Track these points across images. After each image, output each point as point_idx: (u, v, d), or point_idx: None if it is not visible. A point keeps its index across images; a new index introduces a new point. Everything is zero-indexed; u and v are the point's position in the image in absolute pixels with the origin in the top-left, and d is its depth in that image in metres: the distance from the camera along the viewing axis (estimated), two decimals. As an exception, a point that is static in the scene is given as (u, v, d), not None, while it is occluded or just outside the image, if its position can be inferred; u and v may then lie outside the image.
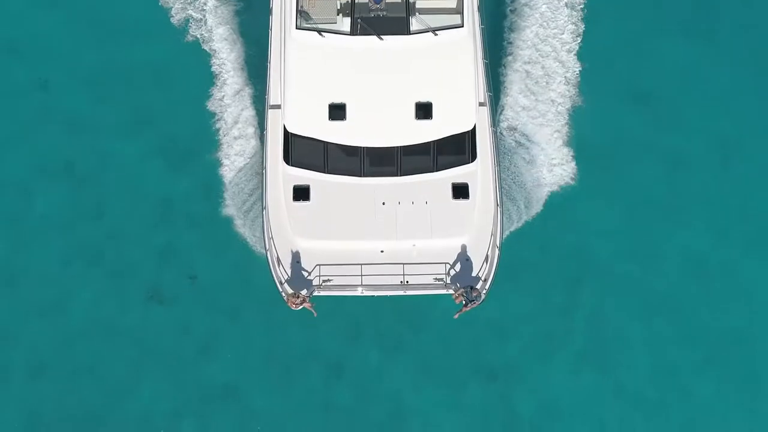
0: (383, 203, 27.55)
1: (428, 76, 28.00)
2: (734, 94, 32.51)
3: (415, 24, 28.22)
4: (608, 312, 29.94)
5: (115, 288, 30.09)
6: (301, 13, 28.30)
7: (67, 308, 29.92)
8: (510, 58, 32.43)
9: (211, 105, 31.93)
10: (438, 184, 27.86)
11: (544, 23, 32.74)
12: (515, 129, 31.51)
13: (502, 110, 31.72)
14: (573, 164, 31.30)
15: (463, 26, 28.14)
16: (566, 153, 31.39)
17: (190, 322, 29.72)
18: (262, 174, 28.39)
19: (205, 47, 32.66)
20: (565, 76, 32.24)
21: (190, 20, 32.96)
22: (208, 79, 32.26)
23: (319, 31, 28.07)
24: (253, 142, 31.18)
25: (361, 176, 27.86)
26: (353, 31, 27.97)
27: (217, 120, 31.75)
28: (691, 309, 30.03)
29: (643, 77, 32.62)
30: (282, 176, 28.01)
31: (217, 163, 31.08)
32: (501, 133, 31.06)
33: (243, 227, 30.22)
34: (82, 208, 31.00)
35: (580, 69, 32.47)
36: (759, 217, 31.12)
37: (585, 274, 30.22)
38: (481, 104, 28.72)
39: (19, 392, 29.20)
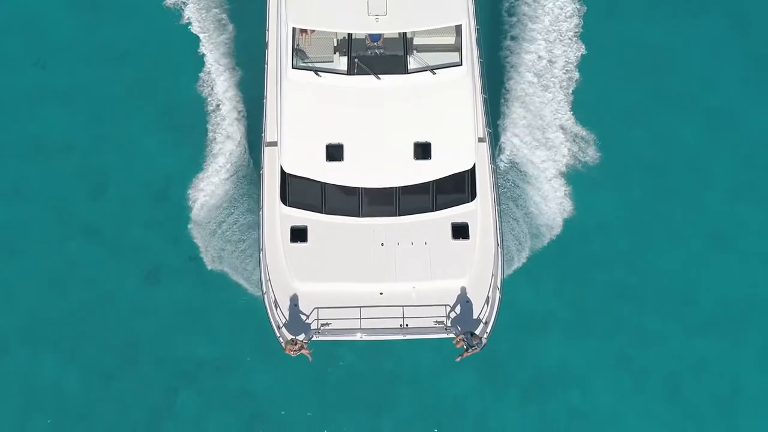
0: (382, 244, 27.10)
1: (427, 115, 27.59)
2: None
3: (413, 63, 27.82)
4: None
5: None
6: (298, 52, 27.92)
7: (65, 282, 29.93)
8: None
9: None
10: (437, 224, 27.41)
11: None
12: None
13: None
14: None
15: (461, 64, 27.75)
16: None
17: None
18: (259, 215, 27.96)
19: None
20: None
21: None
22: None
23: (316, 71, 27.68)
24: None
25: (359, 216, 27.42)
26: (350, 71, 27.56)
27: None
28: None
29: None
30: (279, 217, 27.58)
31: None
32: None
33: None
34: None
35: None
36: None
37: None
38: (480, 140, 28.32)
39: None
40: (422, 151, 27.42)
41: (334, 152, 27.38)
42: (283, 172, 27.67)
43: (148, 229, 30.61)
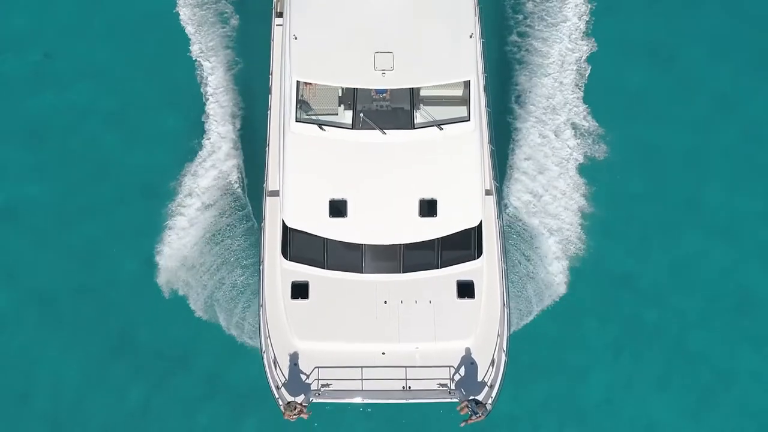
0: (385, 302, 26.45)
1: (433, 171, 26.97)
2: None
3: (419, 117, 27.18)
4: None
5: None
6: (301, 104, 27.31)
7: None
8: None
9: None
10: (442, 282, 26.76)
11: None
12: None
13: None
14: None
15: (469, 120, 27.12)
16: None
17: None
18: (260, 269, 27.32)
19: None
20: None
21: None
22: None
23: (320, 124, 27.06)
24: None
25: (362, 273, 26.76)
26: (355, 125, 26.94)
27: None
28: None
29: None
30: (280, 271, 26.92)
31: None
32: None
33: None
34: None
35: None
36: None
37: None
38: (487, 192, 27.70)
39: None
40: (428, 208, 26.77)
41: (338, 208, 26.74)
42: (285, 226, 27.03)
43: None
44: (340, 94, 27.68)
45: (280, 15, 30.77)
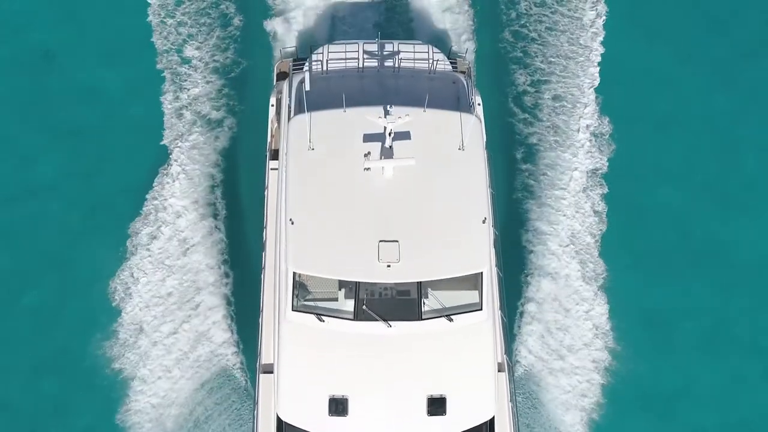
0: None
1: (442, 366, 24.60)
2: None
3: (427, 306, 24.77)
4: None
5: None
6: (299, 289, 24.84)
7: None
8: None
9: None
10: None
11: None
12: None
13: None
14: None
15: (481, 309, 24.74)
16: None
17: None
18: None
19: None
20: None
21: None
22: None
23: (318, 315, 24.67)
24: None
25: None
26: (357, 316, 24.55)
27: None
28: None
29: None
30: None
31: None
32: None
33: None
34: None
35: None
36: None
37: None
38: (498, 366, 25.45)
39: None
40: (436, 406, 24.44)
41: (338, 406, 24.39)
42: (279, 420, 24.79)
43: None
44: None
45: (275, 157, 28.23)
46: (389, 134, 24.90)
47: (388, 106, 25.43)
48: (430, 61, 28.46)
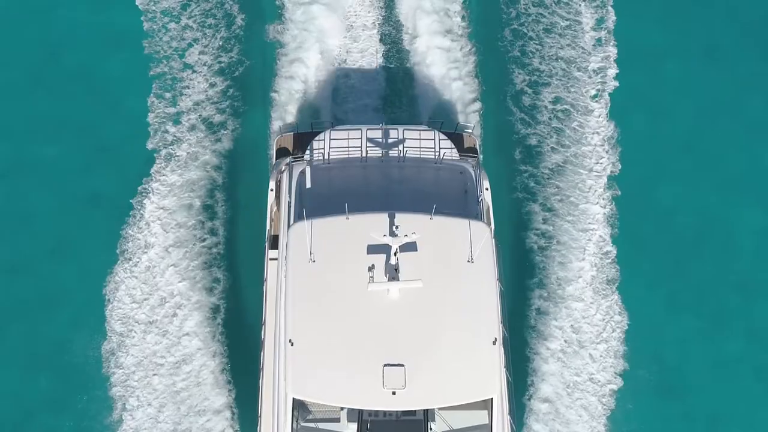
0: None
1: None
2: None
3: (434, 428, 23.59)
4: None
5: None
6: (299, 406, 23.65)
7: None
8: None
9: None
10: None
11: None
12: None
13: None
14: None
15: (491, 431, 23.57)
16: None
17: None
18: None
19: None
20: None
21: None
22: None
23: (318, 439, 23.54)
24: None
25: None
26: (360, 441, 23.40)
27: None
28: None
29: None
30: None
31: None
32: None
33: None
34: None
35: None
36: None
37: None
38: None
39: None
40: None
41: None
42: None
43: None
44: None
45: (274, 245, 26.91)
46: (394, 253, 23.55)
47: (394, 218, 24.09)
48: (437, 150, 27.12)
